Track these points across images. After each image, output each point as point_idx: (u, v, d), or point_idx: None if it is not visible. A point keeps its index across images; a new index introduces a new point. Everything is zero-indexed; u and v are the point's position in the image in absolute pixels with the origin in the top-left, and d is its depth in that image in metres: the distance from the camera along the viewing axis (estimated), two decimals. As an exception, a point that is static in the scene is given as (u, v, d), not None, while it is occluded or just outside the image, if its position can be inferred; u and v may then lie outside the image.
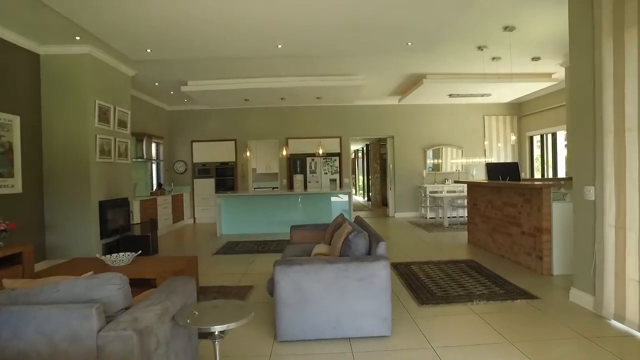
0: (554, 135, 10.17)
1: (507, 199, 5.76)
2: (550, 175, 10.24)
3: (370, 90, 9.66)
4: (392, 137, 11.35)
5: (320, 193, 9.02)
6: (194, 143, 11.20)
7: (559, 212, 4.94)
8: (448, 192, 10.88)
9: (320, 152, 9.68)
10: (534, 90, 9.19)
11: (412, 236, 8.05)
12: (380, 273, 3.14)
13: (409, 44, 6.05)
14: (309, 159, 11.20)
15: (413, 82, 8.87)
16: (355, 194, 22.77)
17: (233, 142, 11.18)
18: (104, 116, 6.50)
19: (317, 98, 9.90)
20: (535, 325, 3.46)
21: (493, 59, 7.17)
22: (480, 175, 11.34)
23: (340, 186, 11.17)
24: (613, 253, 3.43)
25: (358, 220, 4.67)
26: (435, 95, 9.85)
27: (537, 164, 11.09)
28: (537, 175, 10.83)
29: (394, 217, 11.32)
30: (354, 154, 23.54)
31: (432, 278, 4.93)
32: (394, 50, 6.34)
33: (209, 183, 11.24)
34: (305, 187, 11.17)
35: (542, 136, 10.62)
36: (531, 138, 11.03)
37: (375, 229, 4.13)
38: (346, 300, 3.13)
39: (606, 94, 3.45)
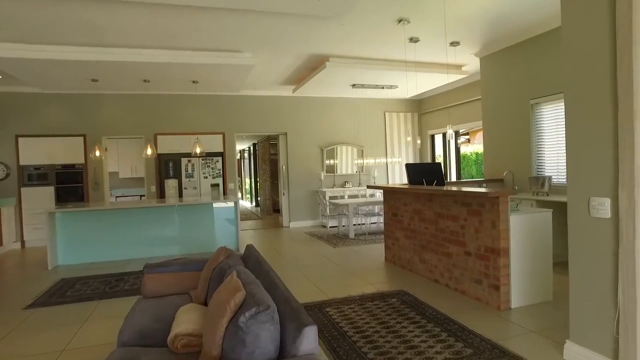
0: (456, 134, 9.56)
1: (443, 210, 4.51)
2: (454, 177, 9.64)
3: (259, 76, 7.92)
4: (285, 134, 9.75)
5: (198, 204, 7.00)
6: (20, 138, 8.22)
7: (516, 227, 3.80)
8: (350, 196, 9.65)
9: (198, 151, 7.64)
10: (443, 82, 8.37)
11: (315, 255, 6.51)
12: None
13: None
14: (184, 160, 9.02)
15: (312, 66, 7.36)
16: (242, 199, 20.78)
17: (81, 138, 8.48)
18: None
19: (193, 83, 7.83)
20: None
21: (411, 39, 5.98)
22: (382, 178, 10.34)
23: (224, 192, 9.21)
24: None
25: (253, 257, 2.90)
26: (335, 85, 8.50)
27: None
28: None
29: (288, 227, 9.73)
30: (239, 154, 21.52)
31: (362, 330, 3.39)
32: (296, 9, 4.69)
33: (46, 192, 8.38)
34: (181, 194, 8.98)
35: (444, 135, 9.99)
36: (432, 137, 10.37)
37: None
38: None
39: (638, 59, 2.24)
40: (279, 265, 5.90)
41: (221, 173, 9.24)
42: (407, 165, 5.65)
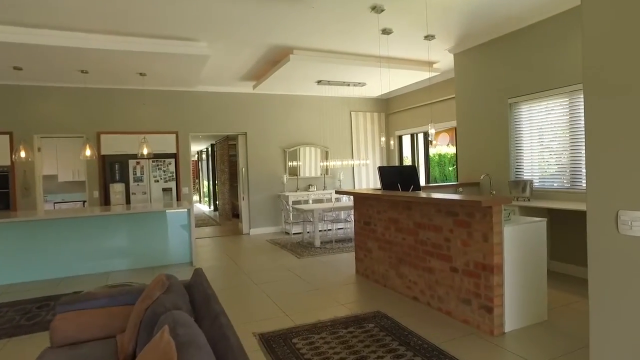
0: (425, 135, 9.19)
1: (424, 220, 4.00)
2: (423, 181, 9.25)
3: (216, 70, 7.18)
4: (245, 134, 9.03)
5: (148, 212, 6.17)
6: None
7: (509, 240, 3.33)
8: (314, 201, 9.07)
9: (145, 152, 6.82)
10: (414, 80, 7.93)
11: (278, 267, 5.87)
12: None
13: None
14: (132, 162, 8.12)
15: (275, 59, 6.71)
16: (200, 202, 19.75)
17: (7, 136, 7.41)
18: None
19: (141, 75, 6.99)
20: None
21: (383, 31, 5.46)
22: (348, 181, 9.83)
23: (178, 197, 8.39)
24: None
25: (201, 290, 2.23)
26: (299, 82, 7.89)
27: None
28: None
29: (248, 234, 9.01)
30: (197, 155, 20.48)
31: (339, 371, 2.81)
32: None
33: (-35, 199, 7.25)
34: (128, 200, 8.08)
35: (412, 136, 9.60)
36: (400, 138, 9.96)
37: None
38: None
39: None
40: (236, 281, 5.21)
41: (174, 176, 8.40)
42: (381, 169, 5.12)
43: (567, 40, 4.82)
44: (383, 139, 9.52)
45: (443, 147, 9.54)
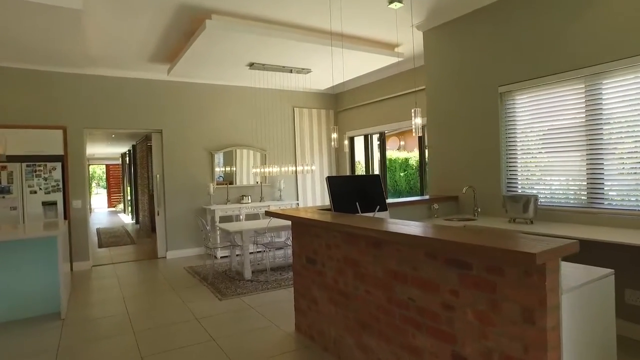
0: (382, 136, 7.77)
1: (405, 268, 2.43)
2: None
3: (113, 46, 5.30)
4: (160, 132, 7.15)
5: (15, 240, 4.15)
6: None
7: (567, 315, 1.85)
8: (248, 216, 7.36)
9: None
10: (373, 68, 6.45)
11: (187, 320, 4.10)
12: None
13: None
14: (-3, 167, 5.99)
15: (189, 30, 4.96)
16: (124, 212, 17.28)
17: None
18: None
19: (-4, 45, 4.97)
20: None
21: (335, -16, 3.91)
22: (290, 191, 8.20)
23: (66, 214, 6.35)
24: None
25: None
26: (227, 66, 6.16)
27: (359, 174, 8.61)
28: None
29: (165, 258, 7.12)
30: (120, 158, 18.03)
31: None
32: None
33: None
34: (-9, 218, 5.93)
35: (366, 137, 8.15)
36: (352, 140, 8.48)
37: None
38: None
39: None
40: (115, 355, 3.40)
41: (61, 185, 6.35)
42: (330, 180, 3.54)
43: (581, 6, 3.51)
44: (335, 135, 7.99)
45: (393, 152, 8.24)
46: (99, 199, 21.38)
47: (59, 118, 6.34)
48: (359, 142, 8.37)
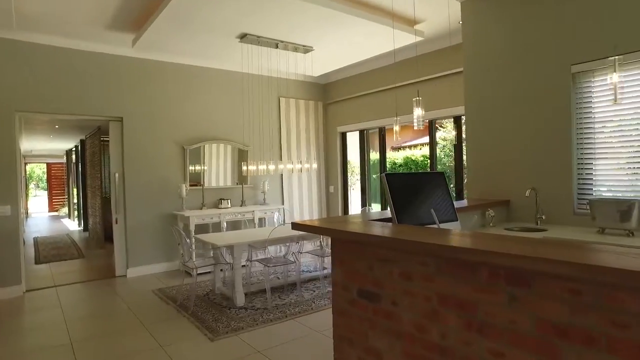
0: (381, 131, 6.83)
1: (596, 321, 1.44)
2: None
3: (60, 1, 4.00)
4: (120, 121, 5.81)
5: None
6: None
7: None
8: (229, 225, 6.20)
9: None
10: (385, 49, 5.44)
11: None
12: None
13: None
14: None
15: (168, -18, 3.78)
16: (69, 217, 15.31)
17: None
18: None
19: None
20: None
21: None
22: (275, 190, 7.08)
23: (-7, 224, 4.89)
24: None
25: None
26: (210, 36, 4.97)
27: (352, 174, 7.63)
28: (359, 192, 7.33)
29: (125, 277, 5.79)
30: (65, 155, 16.05)
31: None
32: None
33: None
34: None
35: (361, 133, 7.17)
36: (344, 135, 7.49)
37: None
38: None
39: None
40: None
41: (-14, 187, 4.89)
42: (389, 178, 2.50)
43: None
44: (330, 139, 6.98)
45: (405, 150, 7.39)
46: (38, 201, 19.13)
47: (-16, 99, 4.89)
48: (352, 139, 7.39)
